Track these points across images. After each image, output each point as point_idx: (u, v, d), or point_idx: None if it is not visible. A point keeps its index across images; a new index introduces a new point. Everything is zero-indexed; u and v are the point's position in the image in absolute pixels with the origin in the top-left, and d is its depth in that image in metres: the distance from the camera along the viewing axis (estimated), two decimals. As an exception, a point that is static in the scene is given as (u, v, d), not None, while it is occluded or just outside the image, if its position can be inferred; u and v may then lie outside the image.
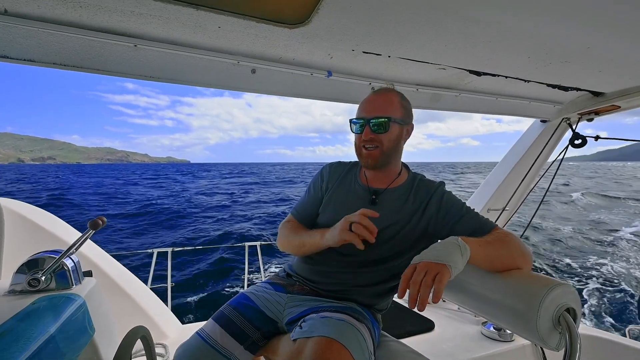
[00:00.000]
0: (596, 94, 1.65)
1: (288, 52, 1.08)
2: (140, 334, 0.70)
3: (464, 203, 0.97)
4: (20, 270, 0.81)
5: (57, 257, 0.81)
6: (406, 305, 1.97)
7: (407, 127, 1.02)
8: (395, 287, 1.00)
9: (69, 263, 0.85)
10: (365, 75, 1.34)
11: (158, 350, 1.44)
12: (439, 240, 0.78)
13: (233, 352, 0.88)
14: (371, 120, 0.95)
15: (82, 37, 0.83)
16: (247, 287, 2.65)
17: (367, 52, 1.12)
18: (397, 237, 0.94)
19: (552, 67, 1.27)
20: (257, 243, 2.66)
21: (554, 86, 1.54)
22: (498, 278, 0.78)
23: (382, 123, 0.94)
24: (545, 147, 1.99)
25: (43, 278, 0.80)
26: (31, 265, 0.82)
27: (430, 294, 0.64)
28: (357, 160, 1.10)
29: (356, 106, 1.07)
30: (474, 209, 0.96)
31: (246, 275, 2.59)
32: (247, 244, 2.66)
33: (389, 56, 1.16)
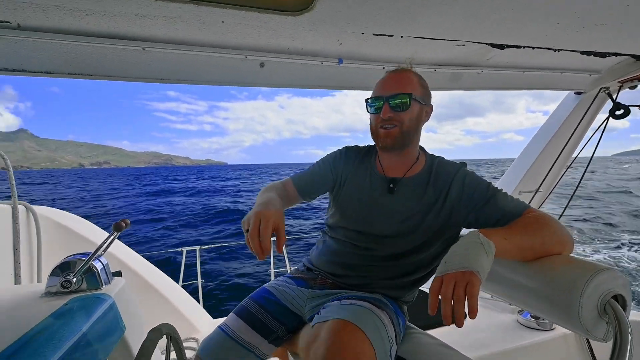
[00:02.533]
0: (638, 57, 1.49)
1: (295, 42, 1.05)
2: (163, 331, 0.71)
3: (490, 184, 0.88)
4: (54, 273, 0.85)
5: (86, 259, 0.85)
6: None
7: (426, 108, 0.94)
8: (421, 278, 0.96)
9: (97, 265, 0.89)
10: (378, 60, 1.28)
11: (190, 344, 1.50)
12: (459, 239, 0.72)
13: (257, 346, 0.88)
14: (390, 98, 0.88)
15: (92, 45, 0.85)
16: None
17: (378, 34, 1.06)
18: (419, 230, 0.89)
19: (586, 31, 1.15)
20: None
21: (588, 53, 1.40)
22: (534, 264, 0.71)
23: (403, 100, 0.87)
24: (581, 120, 1.83)
25: (74, 280, 0.83)
26: (63, 268, 0.86)
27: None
28: (371, 145, 1.05)
29: None
30: (502, 189, 0.87)
31: (272, 270, 2.63)
32: (272, 239, 2.69)
33: (402, 36, 1.10)
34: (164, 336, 0.77)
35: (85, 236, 1.31)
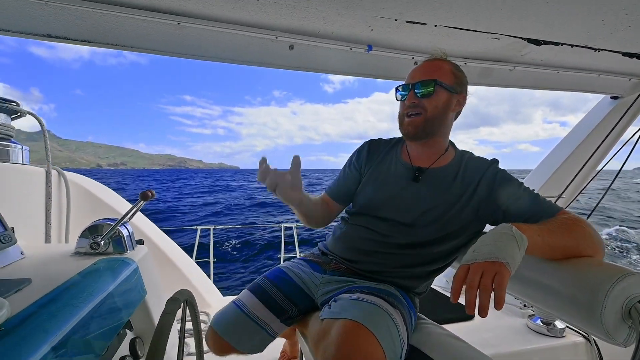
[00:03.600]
0: (686, 63, 1.41)
1: (327, 25, 1.04)
2: (184, 296, 0.74)
3: (522, 183, 0.86)
4: (83, 235, 0.89)
5: (114, 224, 0.89)
6: (443, 292, 1.91)
7: (457, 96, 0.90)
8: (436, 270, 0.95)
9: (123, 231, 0.93)
10: (408, 49, 1.26)
11: (202, 317, 1.55)
12: (490, 228, 0.69)
13: (270, 324, 0.90)
14: (416, 85, 0.87)
15: (130, 16, 0.87)
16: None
17: (411, 22, 1.04)
18: (442, 220, 0.87)
19: (631, 31, 1.10)
20: (293, 224, 2.72)
21: (631, 55, 1.33)
22: (559, 263, 0.70)
23: (427, 86, 0.86)
24: (615, 127, 1.75)
25: (102, 242, 0.87)
26: (92, 231, 0.90)
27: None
28: (399, 137, 1.03)
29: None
30: (533, 190, 0.85)
31: (282, 255, 2.67)
32: (283, 224, 2.73)
33: (435, 25, 1.07)
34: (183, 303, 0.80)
35: (110, 204, 1.37)
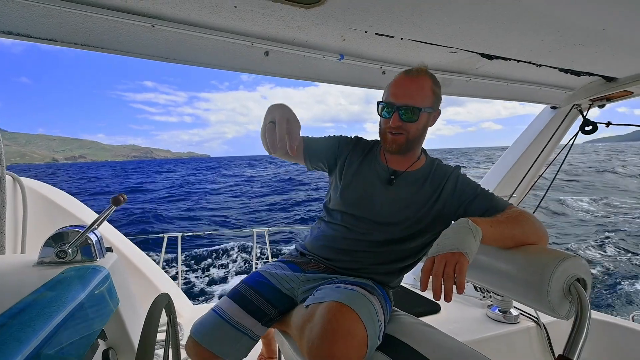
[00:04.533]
0: (609, 79, 1.64)
1: (302, 34, 1.08)
2: (165, 300, 0.73)
3: (479, 185, 0.99)
4: (47, 244, 0.84)
5: (82, 231, 0.85)
6: (412, 289, 2.01)
7: (434, 113, 1.00)
8: (408, 266, 1.03)
9: (93, 237, 0.89)
10: (377, 59, 1.34)
11: (173, 327, 1.50)
12: (451, 224, 0.79)
13: (251, 329, 0.91)
14: (401, 109, 0.92)
15: (102, 16, 0.85)
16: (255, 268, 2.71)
17: (380, 34, 1.12)
18: (413, 219, 0.96)
19: (565, 50, 1.27)
20: (265, 229, 2.70)
21: (566, 71, 1.53)
22: (509, 252, 0.80)
23: (412, 113, 0.92)
24: (555, 133, 1.99)
25: (70, 250, 0.83)
26: (57, 239, 0.86)
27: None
28: (378, 139, 1.10)
29: (370, 91, 1.07)
30: (488, 190, 0.97)
31: (254, 261, 2.64)
32: (255, 230, 2.71)
33: (402, 38, 1.16)
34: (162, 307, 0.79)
35: (71, 211, 1.29)
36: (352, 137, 1.14)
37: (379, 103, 0.99)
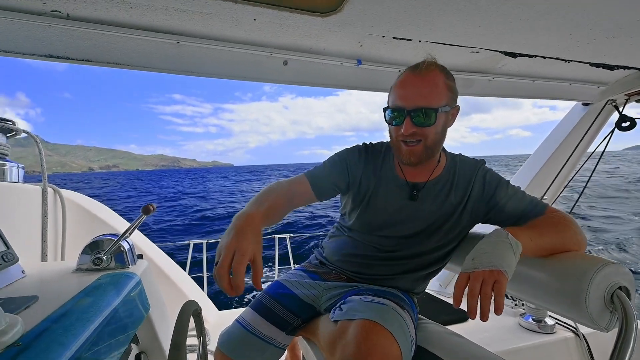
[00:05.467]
0: (646, 71, 1.53)
1: (319, 42, 1.10)
2: (193, 307, 0.75)
3: (508, 181, 0.90)
4: (85, 251, 0.89)
5: (116, 239, 0.89)
6: (438, 295, 1.95)
7: (452, 110, 0.85)
8: (434, 272, 0.99)
9: (125, 245, 0.93)
10: (395, 63, 1.33)
11: (200, 332, 1.54)
12: (486, 236, 0.71)
13: (275, 339, 0.91)
14: (412, 113, 0.78)
15: (131, 36, 0.90)
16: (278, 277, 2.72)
17: (398, 38, 1.11)
18: (441, 231, 0.90)
19: (596, 43, 1.20)
20: (287, 235, 2.72)
21: (597, 65, 1.45)
22: (544, 259, 0.75)
23: (427, 117, 0.78)
24: (587, 131, 1.88)
25: (105, 258, 0.88)
26: (93, 247, 0.91)
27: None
28: (388, 143, 0.99)
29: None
30: (520, 188, 0.89)
31: (276, 267, 2.66)
32: (276, 236, 2.73)
33: (420, 41, 1.15)
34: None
35: (106, 221, 1.36)
36: (359, 149, 0.98)
37: (385, 109, 0.85)
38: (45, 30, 0.82)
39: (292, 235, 2.79)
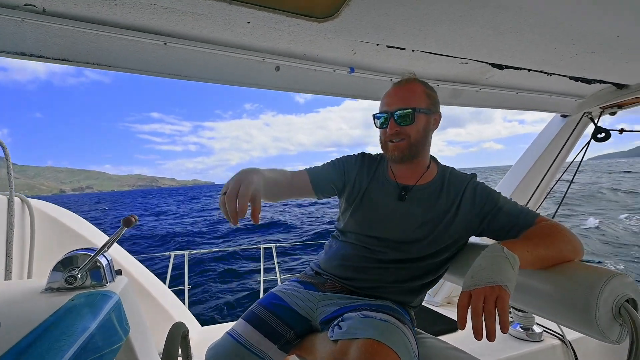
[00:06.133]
0: (620, 86, 1.62)
1: (313, 49, 1.07)
2: (181, 330, 0.69)
3: (500, 193, 0.93)
4: (56, 269, 0.81)
5: (92, 254, 0.81)
6: (429, 305, 1.94)
7: (434, 116, 0.98)
8: (430, 283, 0.98)
9: (103, 261, 0.85)
10: (387, 71, 1.33)
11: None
12: (482, 253, 0.72)
13: (267, 352, 0.86)
14: (395, 113, 0.92)
15: (115, 35, 0.84)
16: (263, 289, 2.64)
17: (392, 47, 1.11)
18: (431, 236, 0.91)
19: (578, 58, 1.25)
20: (273, 245, 2.65)
21: (576, 79, 1.51)
22: (549, 271, 0.74)
23: (407, 114, 0.91)
24: (566, 142, 1.95)
25: (79, 275, 0.80)
26: (66, 263, 0.82)
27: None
28: (382, 153, 1.07)
29: (369, 115, 1.03)
30: (511, 199, 0.91)
31: (262, 278, 2.58)
32: (262, 246, 2.66)
33: (413, 50, 1.15)
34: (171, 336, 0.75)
35: (82, 234, 1.25)
36: (357, 155, 1.11)
37: (374, 116, 0.98)
38: (18, 25, 0.75)
39: (278, 245, 2.72)
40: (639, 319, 0.59)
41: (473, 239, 1.01)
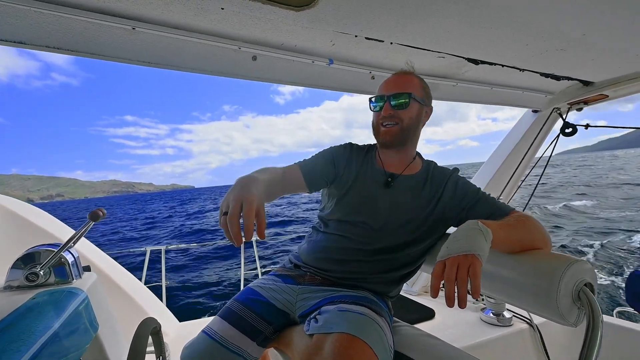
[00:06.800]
0: (586, 83, 1.70)
1: (290, 38, 1.05)
2: (151, 325, 0.67)
3: (479, 188, 0.97)
4: (15, 266, 0.76)
5: (56, 250, 0.77)
6: (406, 295, 1.99)
7: (426, 108, 1.01)
8: (408, 274, 1.00)
9: (68, 257, 0.81)
10: (366, 64, 1.33)
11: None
12: (458, 227, 0.74)
13: (245, 349, 0.85)
14: (391, 97, 0.95)
15: (77, 17, 0.79)
16: (243, 282, 2.62)
17: (370, 39, 1.10)
18: (412, 224, 0.93)
19: (548, 55, 1.30)
20: (253, 239, 2.63)
21: (547, 75, 1.57)
22: (515, 258, 0.78)
23: (403, 99, 0.94)
24: (537, 137, 2.04)
25: (42, 272, 0.75)
26: (27, 260, 0.78)
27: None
28: (372, 143, 1.10)
29: (349, 116, 1.05)
30: (489, 194, 0.95)
31: (242, 271, 2.56)
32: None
33: (391, 43, 1.15)
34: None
35: (45, 229, 1.19)
36: (345, 145, 1.10)
37: (370, 99, 1.00)
38: (-35, 3, 0.69)
39: (257, 239, 2.69)
40: (596, 302, 0.63)
41: (450, 231, 1.04)
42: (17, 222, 1.14)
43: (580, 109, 1.92)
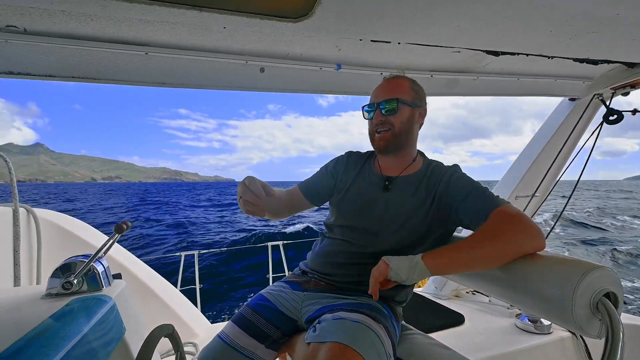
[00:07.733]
0: (630, 64, 1.52)
1: (295, 48, 1.07)
2: (165, 331, 0.72)
3: (474, 182, 0.89)
4: (54, 275, 0.85)
5: (87, 260, 0.85)
6: (434, 299, 1.92)
7: (419, 110, 1.00)
8: None
9: (98, 267, 0.89)
10: (376, 65, 1.30)
11: (188, 348, 1.49)
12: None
13: (254, 352, 0.89)
14: (381, 104, 0.96)
15: (96, 49, 0.87)
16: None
17: (376, 41, 1.09)
18: (410, 226, 0.91)
19: (578, 39, 1.19)
20: (280, 242, 2.69)
21: (581, 60, 1.43)
22: (528, 264, 0.72)
23: (391, 104, 0.95)
24: (575, 126, 1.86)
25: (75, 281, 0.84)
26: (64, 270, 0.87)
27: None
28: (372, 150, 1.09)
29: None
30: (485, 188, 0.87)
31: (270, 275, 2.62)
32: (269, 244, 2.69)
33: (399, 43, 1.12)
34: (166, 338, 0.78)
35: (86, 239, 1.32)
36: (344, 154, 1.14)
37: (363, 108, 1.02)
38: (2, 46, 0.79)
39: (285, 242, 2.75)
40: (615, 313, 0.56)
41: (456, 233, 0.99)
42: (62, 234, 1.27)
43: (626, 94, 1.72)
